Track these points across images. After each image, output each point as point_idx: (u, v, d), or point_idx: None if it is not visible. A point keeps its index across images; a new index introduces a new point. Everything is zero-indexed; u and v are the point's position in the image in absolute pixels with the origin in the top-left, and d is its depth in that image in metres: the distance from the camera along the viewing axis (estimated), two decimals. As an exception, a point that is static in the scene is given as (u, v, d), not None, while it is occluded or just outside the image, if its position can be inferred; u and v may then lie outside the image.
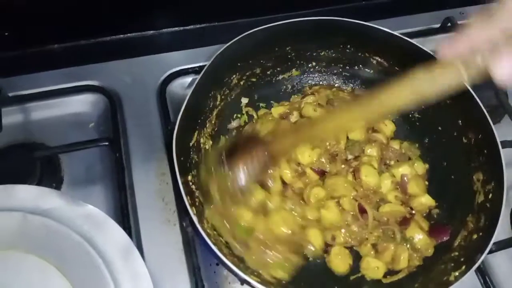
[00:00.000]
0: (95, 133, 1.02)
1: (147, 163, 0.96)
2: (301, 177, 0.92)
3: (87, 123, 1.04)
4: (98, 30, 1.14)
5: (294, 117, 1.01)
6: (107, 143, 0.95)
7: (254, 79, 1.04)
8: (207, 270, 0.87)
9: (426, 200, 0.92)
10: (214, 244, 0.74)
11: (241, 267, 0.76)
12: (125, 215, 0.89)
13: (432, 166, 0.98)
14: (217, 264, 0.88)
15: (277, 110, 1.03)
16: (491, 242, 0.75)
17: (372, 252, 0.87)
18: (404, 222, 0.90)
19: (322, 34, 1.00)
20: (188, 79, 1.10)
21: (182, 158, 0.83)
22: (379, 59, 1.03)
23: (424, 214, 0.93)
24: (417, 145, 1.01)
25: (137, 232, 0.88)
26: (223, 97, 0.99)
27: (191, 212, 0.76)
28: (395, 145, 1.00)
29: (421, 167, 0.97)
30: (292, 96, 1.08)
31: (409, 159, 0.99)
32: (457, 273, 0.77)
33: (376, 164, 0.94)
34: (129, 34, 1.17)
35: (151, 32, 1.18)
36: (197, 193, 0.87)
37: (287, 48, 1.02)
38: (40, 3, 1.02)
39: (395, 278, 0.86)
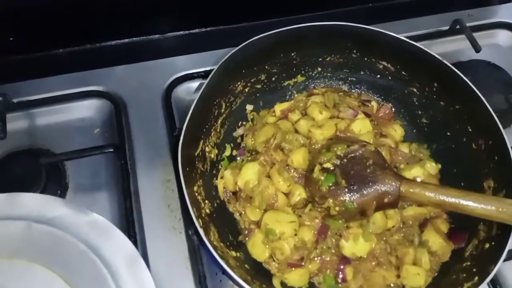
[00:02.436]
0: (100, 139, 1.02)
1: (153, 170, 0.95)
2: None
3: (92, 129, 1.04)
4: (103, 35, 1.14)
5: (296, 115, 1.00)
6: (112, 150, 0.94)
7: (259, 86, 1.03)
8: (213, 278, 0.86)
9: None
10: (221, 257, 0.73)
11: (248, 280, 0.75)
12: (130, 222, 0.88)
13: (442, 173, 0.96)
14: (223, 273, 0.87)
15: (280, 106, 1.03)
16: (505, 253, 0.73)
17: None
18: (424, 224, 0.89)
19: (327, 40, 0.98)
20: (193, 84, 1.09)
21: (187, 169, 0.82)
22: (386, 64, 1.01)
23: (445, 216, 0.91)
24: (426, 145, 1.00)
25: (142, 239, 0.87)
26: (228, 104, 0.98)
27: (198, 224, 0.75)
28: (404, 148, 0.98)
29: (433, 167, 0.96)
30: (296, 94, 1.07)
31: (420, 160, 0.97)
32: (469, 284, 0.75)
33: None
34: (134, 39, 1.16)
35: (157, 36, 1.18)
36: (203, 204, 0.86)
37: (292, 54, 1.01)
38: (44, 8, 1.01)
39: None
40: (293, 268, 0.84)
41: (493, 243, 0.79)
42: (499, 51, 1.25)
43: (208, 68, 1.09)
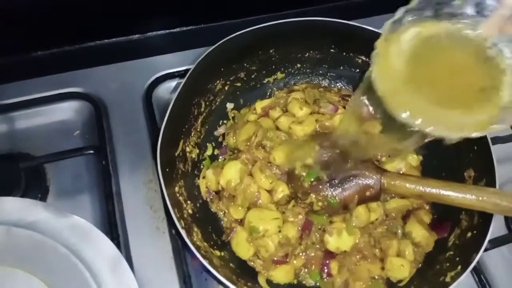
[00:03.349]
0: (80, 141, 1.00)
1: (134, 171, 0.94)
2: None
3: (73, 131, 1.02)
4: (82, 36, 1.12)
5: (277, 112, 1.00)
6: (92, 152, 0.93)
7: (238, 84, 1.02)
8: (198, 277, 0.86)
9: None
10: (204, 257, 0.72)
11: (233, 279, 0.74)
12: (112, 224, 0.87)
13: (423, 165, 0.97)
14: (207, 271, 0.86)
15: (261, 103, 1.02)
16: (486, 241, 0.74)
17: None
18: (407, 216, 0.89)
19: (306, 36, 0.98)
20: (174, 83, 1.08)
21: (167, 170, 0.81)
22: (364, 58, 1.01)
23: (427, 207, 0.92)
24: (406, 137, 1.00)
25: (125, 241, 0.86)
26: (207, 103, 0.97)
27: (179, 225, 0.74)
28: None
29: (414, 159, 0.97)
30: (277, 92, 1.07)
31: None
32: (453, 274, 0.76)
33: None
34: (113, 39, 1.14)
35: (136, 36, 1.16)
36: (185, 204, 0.85)
37: (271, 51, 1.01)
38: (21, 10, 0.99)
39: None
40: (278, 265, 0.84)
41: (475, 232, 0.80)
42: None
43: (188, 67, 1.08)
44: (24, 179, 0.90)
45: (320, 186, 0.83)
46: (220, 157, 0.98)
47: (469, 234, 0.81)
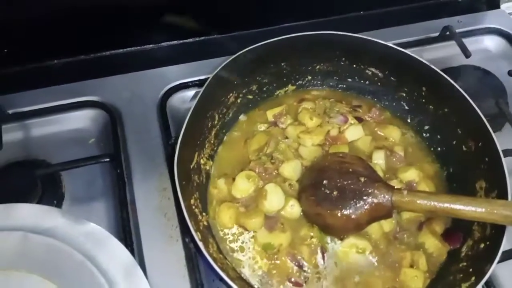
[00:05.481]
0: (95, 149, 1.02)
1: (149, 179, 0.95)
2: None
3: (88, 139, 1.04)
4: (97, 45, 1.14)
5: (287, 120, 1.01)
6: (108, 159, 0.95)
7: (250, 96, 1.03)
8: (211, 286, 0.86)
9: None
10: (222, 269, 0.72)
11: None
12: (127, 232, 0.88)
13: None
14: (221, 280, 0.86)
15: (272, 111, 1.03)
16: (500, 252, 0.74)
17: None
18: (420, 226, 0.90)
19: (316, 49, 1.00)
20: (187, 93, 1.10)
21: (184, 182, 0.81)
22: (374, 70, 1.03)
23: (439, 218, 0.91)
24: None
25: (139, 248, 0.87)
26: (221, 116, 0.98)
27: (197, 237, 0.75)
28: (400, 151, 0.99)
29: (430, 168, 0.97)
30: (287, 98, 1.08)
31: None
32: (467, 285, 0.76)
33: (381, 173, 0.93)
34: (128, 49, 1.17)
35: (150, 46, 1.18)
36: (200, 216, 0.86)
37: (282, 64, 1.02)
38: (38, 19, 1.02)
39: None
40: (293, 286, 0.84)
41: (488, 243, 0.80)
42: (489, 56, 1.27)
43: (202, 77, 1.10)
44: (40, 186, 0.91)
45: (332, 207, 0.83)
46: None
47: (482, 245, 0.81)
